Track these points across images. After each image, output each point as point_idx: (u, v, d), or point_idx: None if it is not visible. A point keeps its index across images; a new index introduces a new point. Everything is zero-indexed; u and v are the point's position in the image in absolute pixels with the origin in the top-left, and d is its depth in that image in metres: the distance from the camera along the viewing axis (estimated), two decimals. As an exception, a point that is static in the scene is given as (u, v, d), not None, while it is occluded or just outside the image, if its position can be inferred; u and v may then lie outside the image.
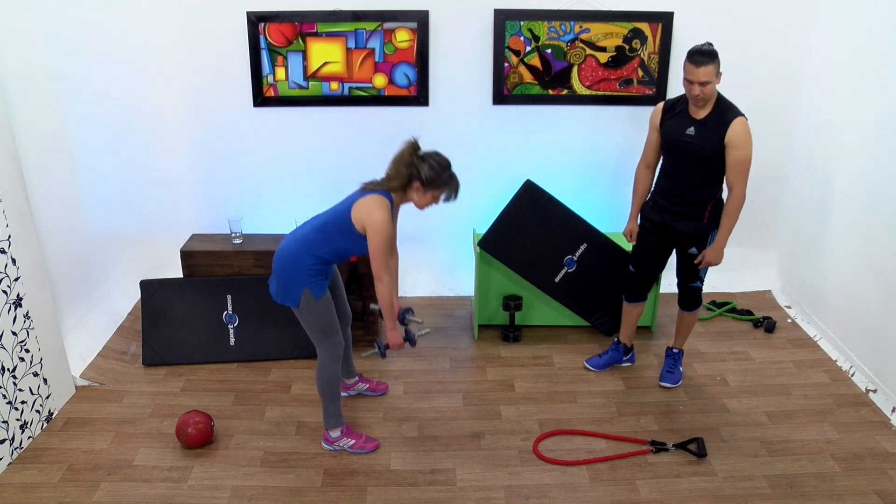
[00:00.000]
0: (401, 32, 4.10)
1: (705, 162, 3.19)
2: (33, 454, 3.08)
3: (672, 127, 3.24)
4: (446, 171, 2.85)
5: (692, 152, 3.19)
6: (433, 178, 2.82)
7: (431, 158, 2.85)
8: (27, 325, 3.13)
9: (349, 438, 3.12)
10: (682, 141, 3.20)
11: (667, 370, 3.66)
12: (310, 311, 2.91)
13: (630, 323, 3.74)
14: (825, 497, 2.85)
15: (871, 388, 3.54)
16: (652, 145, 3.40)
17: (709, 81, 3.03)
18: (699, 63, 3.01)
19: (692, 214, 3.31)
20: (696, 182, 3.25)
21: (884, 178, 3.49)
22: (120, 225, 4.14)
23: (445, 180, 2.85)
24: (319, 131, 4.33)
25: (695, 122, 3.16)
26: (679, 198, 3.31)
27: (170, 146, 4.31)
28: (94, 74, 3.75)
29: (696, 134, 3.16)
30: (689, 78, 3.05)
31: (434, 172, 2.82)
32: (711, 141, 3.13)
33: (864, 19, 3.67)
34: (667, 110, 3.29)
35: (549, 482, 2.94)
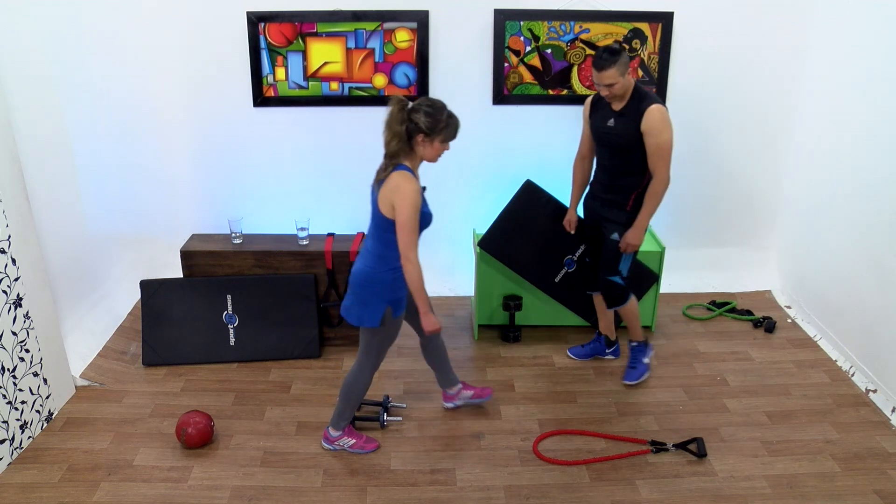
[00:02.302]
0: (401, 32, 4.10)
1: (625, 151, 3.28)
2: (33, 454, 3.08)
3: (597, 119, 3.36)
4: (443, 111, 2.71)
5: (613, 142, 3.30)
6: (433, 123, 2.68)
7: (424, 106, 2.70)
8: (27, 325, 3.13)
9: (350, 438, 3.12)
10: (605, 132, 3.32)
11: (629, 366, 3.69)
12: (383, 330, 2.88)
13: (603, 314, 3.78)
14: (825, 497, 2.85)
15: (871, 388, 3.54)
16: (585, 137, 3.54)
17: (613, 83, 3.11)
18: (601, 67, 3.10)
19: (618, 202, 3.41)
20: (620, 171, 3.35)
21: (884, 178, 3.49)
22: (120, 225, 4.14)
23: (446, 121, 2.71)
24: (319, 131, 4.33)
25: (614, 113, 3.27)
26: (606, 186, 3.44)
27: (170, 146, 4.31)
28: (94, 74, 3.75)
29: (615, 125, 3.27)
30: (595, 81, 3.16)
31: (432, 118, 2.68)
32: (628, 131, 3.22)
33: (864, 19, 3.67)
34: (595, 103, 3.39)
35: (549, 482, 2.94)
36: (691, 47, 4.19)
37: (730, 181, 4.54)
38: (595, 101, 3.40)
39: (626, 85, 3.17)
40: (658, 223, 4.57)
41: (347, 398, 3.05)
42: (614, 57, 3.08)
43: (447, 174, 4.41)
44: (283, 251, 3.89)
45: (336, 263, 3.89)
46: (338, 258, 3.88)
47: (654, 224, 4.56)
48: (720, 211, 4.61)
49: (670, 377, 3.69)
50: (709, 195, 4.56)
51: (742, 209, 4.63)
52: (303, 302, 3.87)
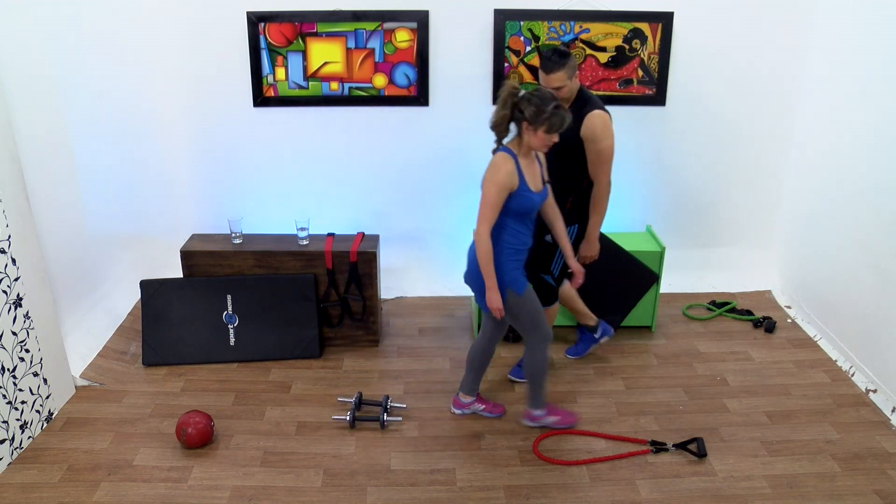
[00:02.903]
0: (401, 32, 4.10)
1: (563, 155, 3.25)
2: (33, 454, 3.08)
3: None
4: (549, 103, 2.73)
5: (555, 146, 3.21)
6: (537, 113, 2.73)
7: (533, 95, 2.76)
8: (27, 325, 3.13)
9: (551, 415, 3.25)
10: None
11: (519, 364, 3.70)
12: (518, 308, 2.98)
13: (570, 307, 3.77)
14: (825, 497, 2.85)
15: (871, 388, 3.54)
16: None
17: (561, 86, 3.08)
18: (550, 69, 3.06)
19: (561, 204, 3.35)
20: (558, 174, 3.30)
21: (884, 178, 3.49)
22: (120, 225, 4.14)
23: (551, 112, 2.73)
24: (319, 131, 4.33)
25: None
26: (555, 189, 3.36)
27: (170, 146, 4.31)
28: (94, 74, 3.75)
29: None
30: (542, 84, 3.11)
31: (536, 108, 2.73)
32: (569, 135, 3.17)
33: (865, 19, 3.67)
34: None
35: (549, 482, 2.94)
36: (691, 47, 4.19)
37: (730, 181, 4.54)
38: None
39: (572, 88, 3.14)
40: (658, 223, 4.57)
41: (533, 380, 3.15)
42: (563, 60, 3.04)
43: (447, 174, 4.42)
44: (283, 251, 3.89)
45: (336, 263, 3.90)
46: (338, 258, 3.88)
47: (655, 224, 4.56)
48: (720, 211, 4.61)
49: (670, 377, 3.69)
50: (709, 195, 4.56)
51: (742, 209, 4.63)
52: (303, 302, 3.87)
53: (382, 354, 3.93)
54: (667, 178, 4.49)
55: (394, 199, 4.49)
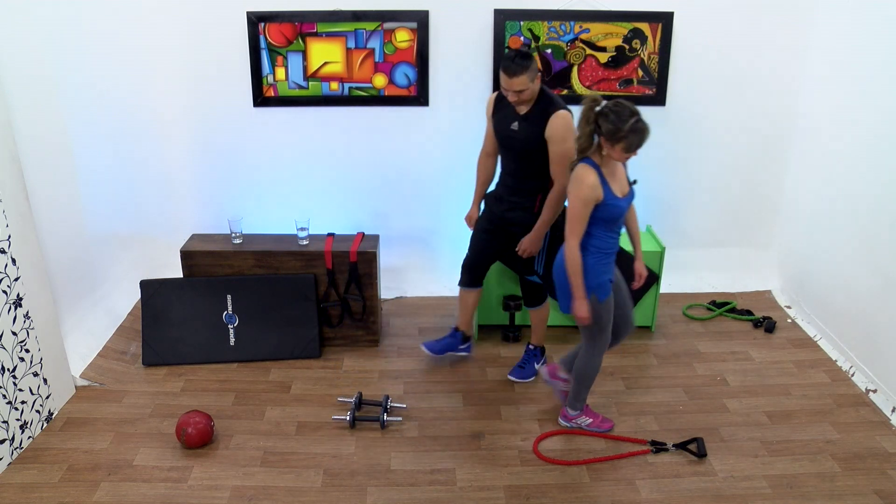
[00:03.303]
0: (401, 32, 4.10)
1: (529, 156, 3.23)
2: (33, 454, 3.08)
3: (500, 120, 3.28)
4: (626, 121, 2.66)
5: (516, 146, 3.24)
6: (613, 130, 2.68)
7: (611, 110, 2.69)
8: (27, 325, 3.13)
9: (587, 417, 3.25)
10: (508, 135, 3.25)
11: (518, 364, 3.69)
12: (595, 314, 2.98)
13: (466, 310, 3.72)
14: (825, 497, 2.85)
15: (871, 388, 3.54)
16: (489, 135, 3.44)
17: (524, 89, 3.05)
18: (513, 73, 3.02)
19: (523, 205, 3.36)
20: (524, 174, 3.30)
21: (884, 178, 3.49)
22: (120, 225, 4.14)
23: (627, 132, 2.66)
24: (319, 131, 4.33)
25: (519, 117, 3.20)
26: (511, 188, 3.37)
27: (170, 146, 4.31)
28: (94, 74, 3.75)
29: (519, 129, 3.20)
30: (504, 86, 3.07)
31: (613, 126, 2.67)
32: (533, 136, 3.17)
33: (865, 19, 3.67)
34: (497, 101, 3.31)
35: (549, 482, 2.94)
36: (691, 47, 4.19)
37: (729, 181, 4.54)
38: (497, 100, 3.31)
39: (534, 90, 3.12)
40: (658, 223, 4.57)
41: (580, 381, 3.16)
42: (526, 62, 3.01)
43: (447, 174, 4.41)
44: (283, 251, 3.89)
45: (336, 263, 3.90)
46: (338, 258, 3.88)
47: (655, 224, 4.56)
48: (720, 211, 4.61)
49: (670, 377, 3.69)
50: (709, 195, 4.56)
51: (742, 209, 4.63)
52: (303, 302, 3.87)
53: (382, 354, 3.93)
54: (667, 178, 4.49)
55: (394, 199, 4.49)
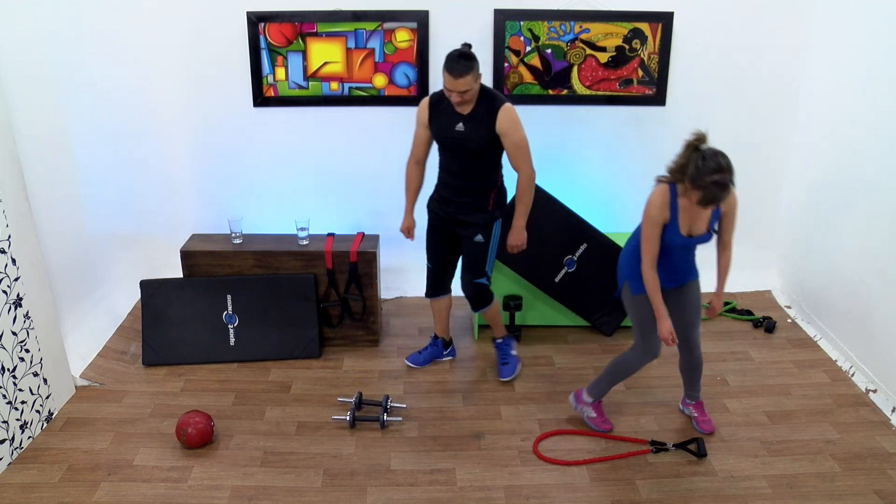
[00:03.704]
0: (401, 32, 4.10)
1: (479, 154, 3.22)
2: (33, 454, 3.08)
3: (441, 125, 3.22)
4: (708, 174, 2.56)
5: (465, 147, 3.20)
6: (694, 176, 2.61)
7: (703, 156, 2.60)
8: (27, 325, 3.13)
9: (593, 411, 3.26)
10: (453, 137, 3.19)
11: (501, 363, 3.69)
12: (628, 305, 3.07)
13: (441, 318, 3.73)
14: (825, 497, 2.85)
15: (871, 388, 3.54)
16: (421, 141, 3.37)
17: (468, 89, 3.02)
18: (459, 73, 2.96)
19: (477, 204, 3.34)
20: (475, 174, 3.28)
21: (883, 178, 3.49)
22: (120, 225, 4.14)
23: (704, 184, 2.58)
24: (319, 131, 4.33)
25: (462, 117, 3.16)
26: (461, 190, 3.32)
27: (170, 146, 4.31)
28: (94, 75, 3.75)
29: (465, 129, 3.16)
30: (449, 87, 3.02)
31: (696, 171, 2.60)
32: (482, 134, 3.15)
33: (865, 19, 3.67)
34: (433, 106, 3.24)
35: (549, 482, 2.94)
36: (691, 47, 4.19)
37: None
38: (433, 103, 3.23)
39: (476, 89, 3.09)
40: (658, 223, 4.57)
41: (610, 373, 3.17)
42: (470, 62, 2.97)
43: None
44: (283, 251, 3.89)
45: (336, 263, 3.90)
46: (338, 258, 3.88)
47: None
48: (720, 211, 4.60)
49: (670, 377, 3.69)
50: (709, 195, 4.56)
51: (742, 209, 4.58)
52: (303, 302, 3.87)
53: (382, 354, 3.93)
54: (667, 178, 4.49)
55: (394, 199, 4.48)
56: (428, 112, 3.26)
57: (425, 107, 3.27)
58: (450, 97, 3.07)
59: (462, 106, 3.14)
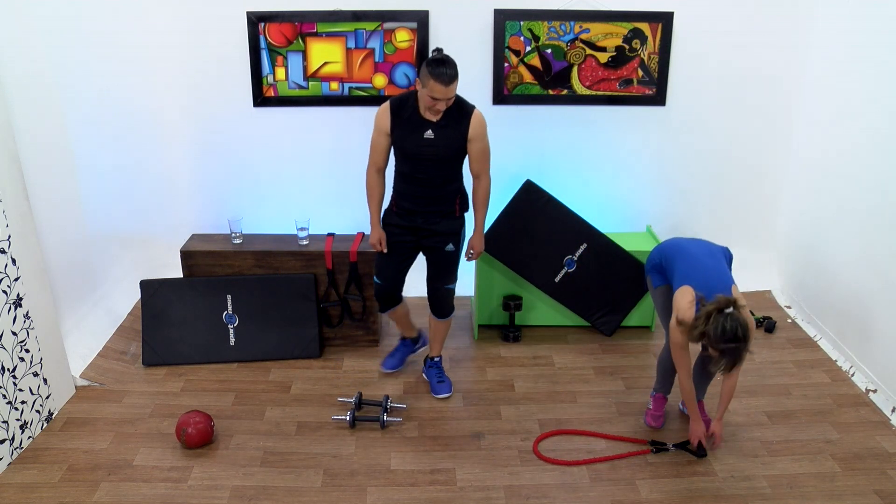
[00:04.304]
0: (401, 32, 4.10)
1: (448, 161, 3.15)
2: (33, 454, 3.08)
3: (406, 134, 3.10)
4: (719, 341, 2.64)
5: (434, 155, 3.12)
6: (710, 338, 2.67)
7: (721, 321, 2.63)
8: (27, 325, 3.13)
9: (651, 401, 3.35)
10: (423, 145, 3.09)
11: (437, 381, 3.57)
12: (651, 295, 3.26)
13: (403, 322, 3.67)
14: (825, 497, 2.85)
15: (871, 388, 3.54)
16: (382, 148, 3.21)
17: (453, 96, 2.96)
18: (449, 80, 2.87)
19: (444, 211, 3.27)
20: (441, 181, 3.20)
21: (883, 178, 3.49)
22: (120, 225, 4.14)
23: (713, 347, 2.68)
24: (319, 131, 4.33)
25: (432, 125, 3.07)
26: (427, 199, 3.23)
27: (170, 146, 4.32)
28: (94, 74, 3.75)
29: (435, 137, 3.07)
30: (438, 97, 2.91)
31: (711, 334, 2.65)
32: (453, 141, 3.09)
33: (865, 20, 3.67)
34: (395, 114, 3.10)
35: (549, 482, 2.94)
36: (691, 47, 4.19)
37: (730, 181, 4.54)
38: (395, 111, 3.10)
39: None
40: (658, 223, 4.57)
41: (657, 368, 3.31)
42: (455, 68, 2.90)
43: (447, 174, 4.41)
44: (283, 251, 3.89)
45: (336, 263, 3.90)
46: (338, 258, 3.88)
47: (655, 224, 4.56)
48: (720, 211, 4.61)
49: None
50: (709, 195, 4.56)
51: (742, 209, 4.63)
52: (303, 302, 3.87)
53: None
54: (667, 178, 4.49)
55: (394, 199, 4.49)
56: (390, 120, 3.11)
57: (387, 114, 3.11)
58: (434, 106, 2.96)
59: (436, 114, 3.04)
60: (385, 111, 3.12)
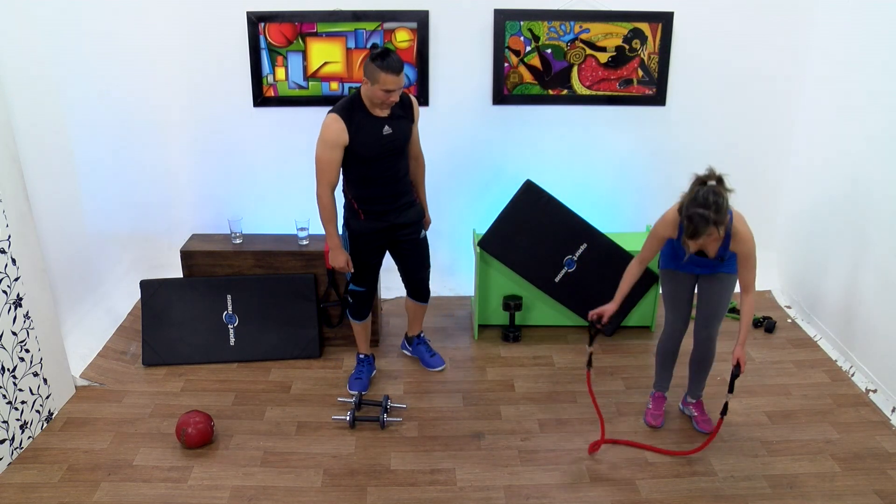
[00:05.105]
0: (401, 32, 4.10)
1: (404, 150, 3.25)
2: (33, 454, 3.08)
3: (365, 137, 3.08)
4: (689, 206, 2.71)
5: (395, 149, 3.18)
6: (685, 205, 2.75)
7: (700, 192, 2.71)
8: (27, 325, 3.13)
9: (652, 403, 3.36)
10: (385, 142, 3.12)
11: (430, 356, 3.78)
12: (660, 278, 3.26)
13: (368, 334, 3.66)
14: (825, 497, 2.85)
15: (871, 388, 3.54)
16: (337, 164, 3.11)
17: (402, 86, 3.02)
18: (398, 69, 2.92)
19: (411, 201, 3.38)
20: (404, 171, 3.30)
21: (883, 178, 3.49)
22: (120, 225, 4.14)
23: (684, 214, 2.73)
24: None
25: (385, 120, 3.11)
26: (396, 194, 3.28)
27: (170, 146, 4.32)
28: (94, 74, 3.75)
29: (393, 130, 3.14)
30: (392, 88, 2.93)
31: (688, 202, 2.73)
32: (406, 128, 3.20)
33: (865, 19, 3.67)
34: (349, 123, 3.04)
35: (549, 482, 2.94)
36: (691, 47, 4.19)
37: (729, 181, 4.53)
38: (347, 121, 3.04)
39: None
40: (658, 223, 4.57)
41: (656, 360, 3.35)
42: (399, 57, 2.95)
43: (447, 174, 4.41)
44: (283, 251, 3.89)
45: (336, 263, 3.90)
46: (338, 258, 3.88)
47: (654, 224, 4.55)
48: (720, 211, 4.60)
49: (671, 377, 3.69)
50: (709, 195, 4.55)
51: (742, 209, 4.60)
52: (303, 302, 3.87)
53: (382, 354, 3.93)
54: (667, 178, 4.49)
55: (394, 199, 4.49)
56: (346, 130, 3.04)
57: (341, 126, 3.03)
58: (387, 99, 2.98)
59: (387, 108, 3.08)
60: (337, 124, 3.03)
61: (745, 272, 2.91)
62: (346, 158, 3.12)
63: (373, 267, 3.42)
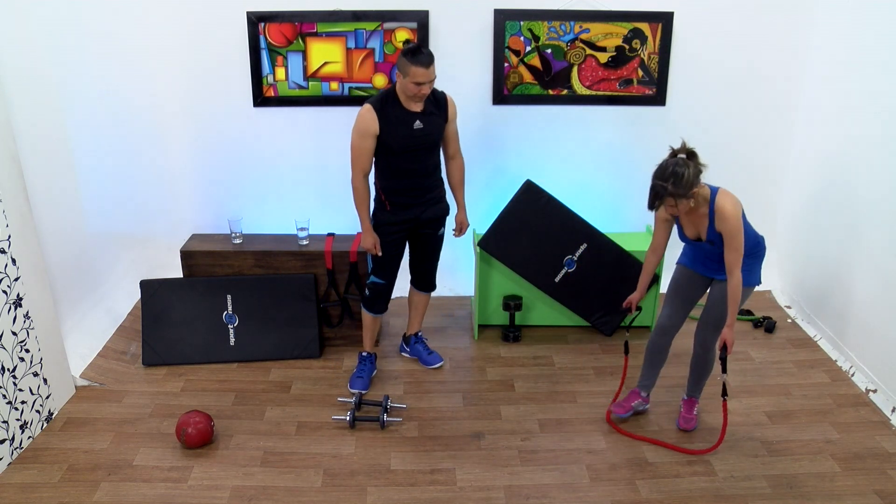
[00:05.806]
0: (401, 32, 4.10)
1: (436, 146, 3.32)
2: (33, 454, 3.08)
3: (396, 128, 3.17)
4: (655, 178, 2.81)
5: (427, 143, 3.25)
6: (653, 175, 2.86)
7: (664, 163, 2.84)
8: (27, 325, 3.13)
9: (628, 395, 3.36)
10: (416, 136, 3.21)
11: (427, 353, 3.82)
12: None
13: (375, 331, 3.69)
14: (825, 497, 2.85)
15: (871, 388, 3.54)
16: (370, 152, 3.21)
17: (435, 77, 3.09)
18: (429, 62, 3.02)
19: (438, 197, 3.45)
20: (434, 166, 3.37)
21: (883, 178, 3.49)
22: (120, 225, 4.14)
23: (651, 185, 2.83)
24: (319, 131, 4.33)
25: (417, 114, 3.19)
26: (423, 188, 3.36)
27: (170, 146, 4.32)
28: (94, 74, 3.75)
29: (424, 125, 3.21)
30: (422, 80, 3.03)
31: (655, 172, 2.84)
32: (439, 125, 3.27)
33: (865, 19, 3.67)
34: (380, 114, 3.15)
35: (549, 482, 2.94)
36: (691, 47, 4.20)
37: (729, 181, 4.51)
38: (379, 111, 3.14)
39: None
40: (658, 223, 4.57)
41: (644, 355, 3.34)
42: (430, 52, 3.05)
43: (447, 174, 4.41)
44: (283, 251, 3.89)
45: (336, 263, 3.89)
46: (338, 258, 3.88)
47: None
48: (720, 211, 4.60)
49: (670, 377, 3.69)
50: (709, 195, 4.56)
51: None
52: (303, 302, 3.87)
53: (382, 355, 3.93)
54: (667, 178, 4.49)
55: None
56: (377, 120, 3.15)
57: (373, 116, 3.14)
58: (419, 92, 3.07)
59: (420, 101, 3.17)
60: (369, 114, 3.16)
61: (728, 252, 2.90)
62: (378, 148, 3.24)
63: (393, 259, 3.48)
